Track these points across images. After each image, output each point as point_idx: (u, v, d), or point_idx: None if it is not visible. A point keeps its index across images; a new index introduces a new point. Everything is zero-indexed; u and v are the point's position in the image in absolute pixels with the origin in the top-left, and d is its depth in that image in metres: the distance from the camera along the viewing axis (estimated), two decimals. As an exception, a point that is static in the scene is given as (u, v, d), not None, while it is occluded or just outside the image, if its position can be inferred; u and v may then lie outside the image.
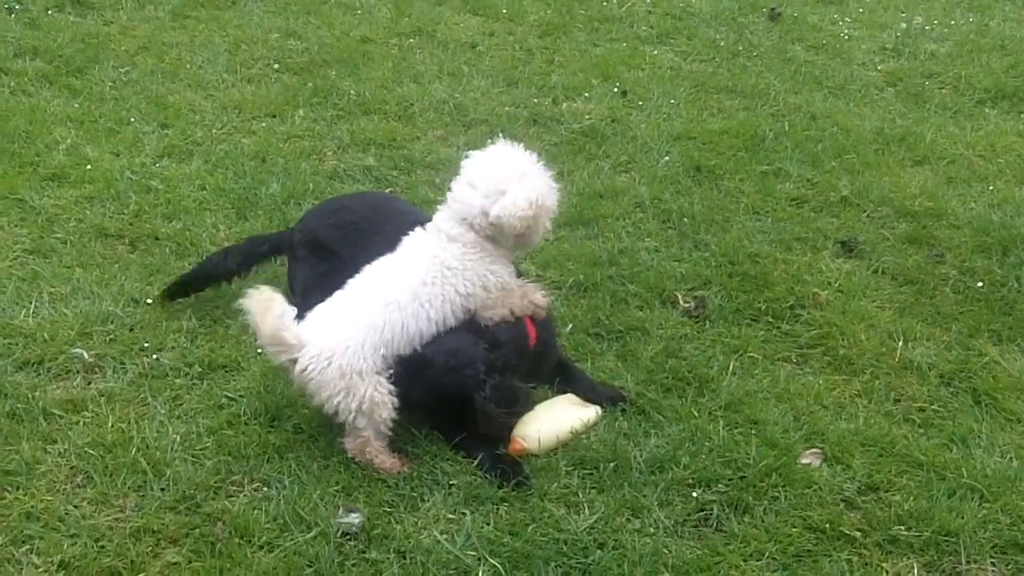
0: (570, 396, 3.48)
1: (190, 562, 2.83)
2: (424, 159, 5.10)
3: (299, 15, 6.84)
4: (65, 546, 2.85)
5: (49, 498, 3.00)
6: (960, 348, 3.84)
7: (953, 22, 7.15)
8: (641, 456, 3.25)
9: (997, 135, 5.51)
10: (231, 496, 3.05)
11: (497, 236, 3.25)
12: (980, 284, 4.21)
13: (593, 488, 3.15)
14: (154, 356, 3.60)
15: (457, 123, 5.50)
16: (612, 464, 3.21)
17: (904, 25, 6.98)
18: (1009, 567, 2.95)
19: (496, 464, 3.18)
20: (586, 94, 5.87)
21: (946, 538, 3.01)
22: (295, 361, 3.07)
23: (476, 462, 3.19)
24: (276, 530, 2.92)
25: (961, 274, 4.29)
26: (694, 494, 3.13)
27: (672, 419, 3.42)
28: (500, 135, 5.21)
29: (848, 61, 6.44)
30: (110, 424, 3.27)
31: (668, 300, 4.08)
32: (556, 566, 2.86)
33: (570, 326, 3.87)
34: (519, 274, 3.45)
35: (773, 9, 7.09)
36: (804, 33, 6.81)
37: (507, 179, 3.21)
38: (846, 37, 6.78)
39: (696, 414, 3.44)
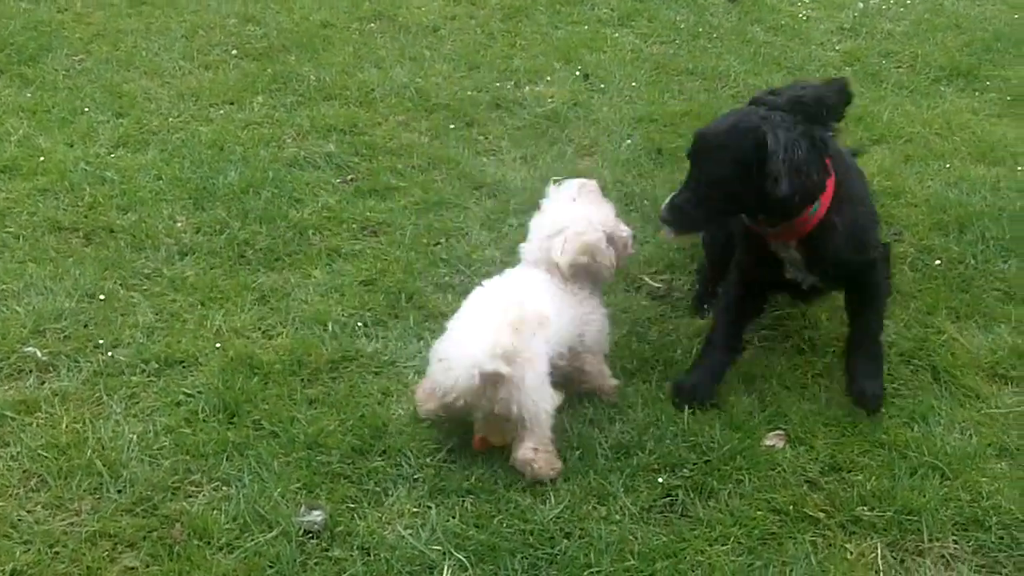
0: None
1: (148, 566, 2.79)
2: (386, 145, 5.05)
3: (257, -1, 6.74)
4: (17, 553, 2.79)
5: (1, 503, 2.94)
6: (919, 326, 3.86)
7: (909, 1, 7.16)
8: (607, 442, 3.25)
9: (953, 113, 5.54)
10: (189, 496, 3.01)
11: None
12: (938, 262, 4.24)
13: (559, 476, 3.14)
14: (109, 353, 3.54)
15: (419, 108, 5.44)
16: (578, 452, 3.20)
17: (861, 5, 6.98)
18: (970, 543, 2.97)
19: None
20: (548, 77, 5.83)
21: (908, 517, 3.03)
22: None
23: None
24: (236, 530, 2.88)
25: (919, 252, 4.31)
26: (660, 479, 3.13)
27: (637, 404, 3.42)
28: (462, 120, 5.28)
29: (806, 42, 6.44)
30: (64, 425, 3.22)
31: (632, 284, 4.07)
32: (522, 557, 2.85)
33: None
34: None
35: (733, -11, 7.07)
36: (763, 14, 6.80)
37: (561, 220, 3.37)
38: (804, 18, 6.78)
39: (662, 397, 3.44)
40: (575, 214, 3.39)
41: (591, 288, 3.44)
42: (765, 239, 3.41)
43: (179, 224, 4.32)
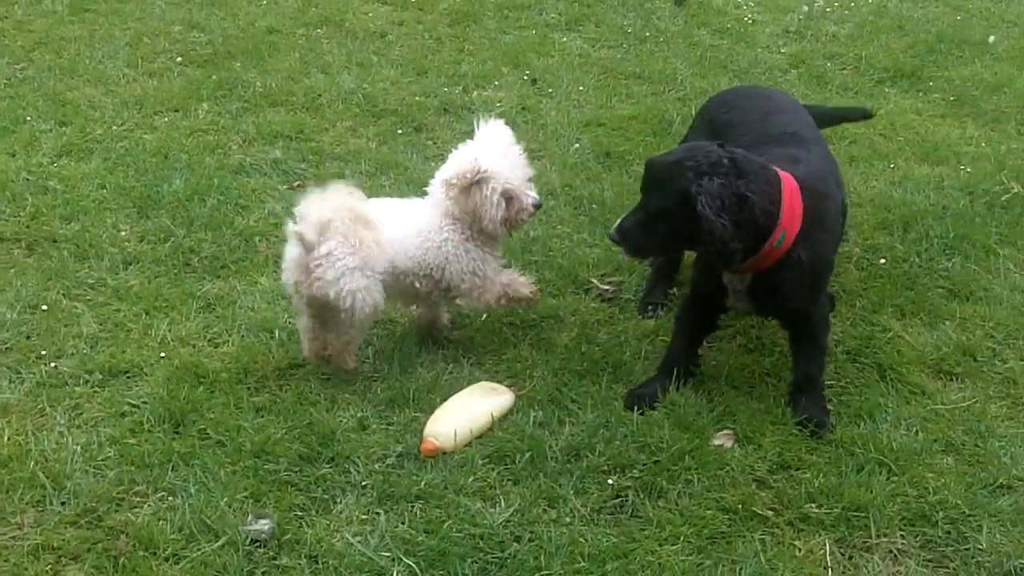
0: (483, 384, 3.46)
1: (92, 578, 2.74)
2: (333, 151, 5.03)
3: (202, 6, 6.68)
4: (-43, 569, 2.73)
5: (-60, 519, 2.88)
6: (865, 324, 3.91)
7: (853, 4, 7.29)
8: (557, 445, 3.25)
9: (897, 113, 5.64)
10: (135, 507, 2.96)
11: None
12: (883, 260, 4.30)
13: (509, 480, 3.13)
14: (52, 364, 3.48)
15: (366, 114, 5.43)
16: (528, 454, 3.19)
17: (806, 8, 7.09)
18: (917, 539, 3.01)
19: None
20: (496, 82, 5.84)
21: (856, 513, 3.05)
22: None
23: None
24: (182, 541, 2.84)
25: (864, 251, 4.37)
26: (610, 481, 3.14)
27: (587, 406, 3.42)
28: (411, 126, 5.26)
29: (752, 45, 6.52)
30: (6, 437, 3.15)
31: (582, 287, 4.09)
32: (472, 562, 2.84)
33: (484, 315, 3.85)
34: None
35: (679, -6, 7.14)
36: (709, 18, 6.88)
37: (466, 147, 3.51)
38: (750, 21, 6.86)
39: (612, 399, 3.44)
40: (484, 159, 3.46)
41: (472, 235, 3.52)
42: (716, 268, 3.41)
43: (123, 233, 4.27)
